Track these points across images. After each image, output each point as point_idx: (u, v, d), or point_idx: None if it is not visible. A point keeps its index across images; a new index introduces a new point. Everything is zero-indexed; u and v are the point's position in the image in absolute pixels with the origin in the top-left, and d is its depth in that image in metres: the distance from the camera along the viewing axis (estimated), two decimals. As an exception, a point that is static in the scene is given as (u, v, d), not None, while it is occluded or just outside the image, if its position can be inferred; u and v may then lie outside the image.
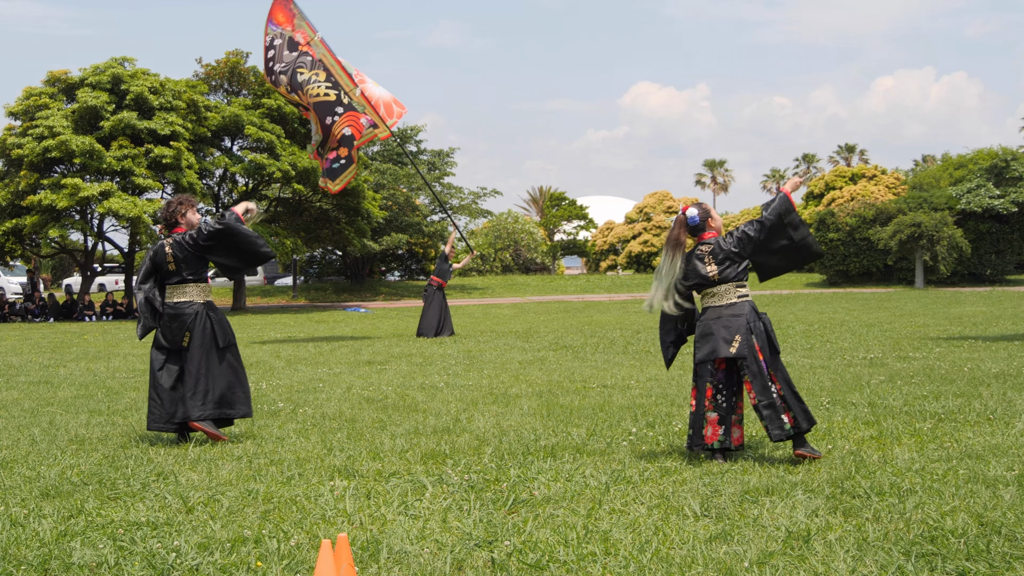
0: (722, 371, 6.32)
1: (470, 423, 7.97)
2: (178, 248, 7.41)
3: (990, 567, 4.15)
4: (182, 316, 7.39)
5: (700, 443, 6.26)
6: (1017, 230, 45.01)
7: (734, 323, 6.25)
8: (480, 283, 48.55)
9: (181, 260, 7.41)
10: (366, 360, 14.01)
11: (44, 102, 30.20)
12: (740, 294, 6.36)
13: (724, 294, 6.36)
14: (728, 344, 6.22)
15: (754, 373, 6.17)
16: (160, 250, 7.49)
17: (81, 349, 17.30)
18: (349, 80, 16.46)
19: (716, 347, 6.24)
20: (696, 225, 6.43)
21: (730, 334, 6.23)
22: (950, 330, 17.21)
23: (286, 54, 16.66)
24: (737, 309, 6.30)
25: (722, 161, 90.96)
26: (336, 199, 35.03)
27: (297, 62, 16.53)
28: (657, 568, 4.23)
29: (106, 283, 44.48)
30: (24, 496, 5.67)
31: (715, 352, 6.24)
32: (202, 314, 7.43)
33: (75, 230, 31.77)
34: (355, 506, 5.28)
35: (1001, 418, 7.59)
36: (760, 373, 6.17)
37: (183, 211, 7.61)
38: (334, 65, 16.52)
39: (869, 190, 54.08)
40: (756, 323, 6.28)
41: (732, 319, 6.27)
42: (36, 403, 9.88)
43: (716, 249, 6.38)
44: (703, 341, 6.34)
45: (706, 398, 6.30)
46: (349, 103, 16.34)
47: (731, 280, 6.35)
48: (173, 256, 7.42)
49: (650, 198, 59.33)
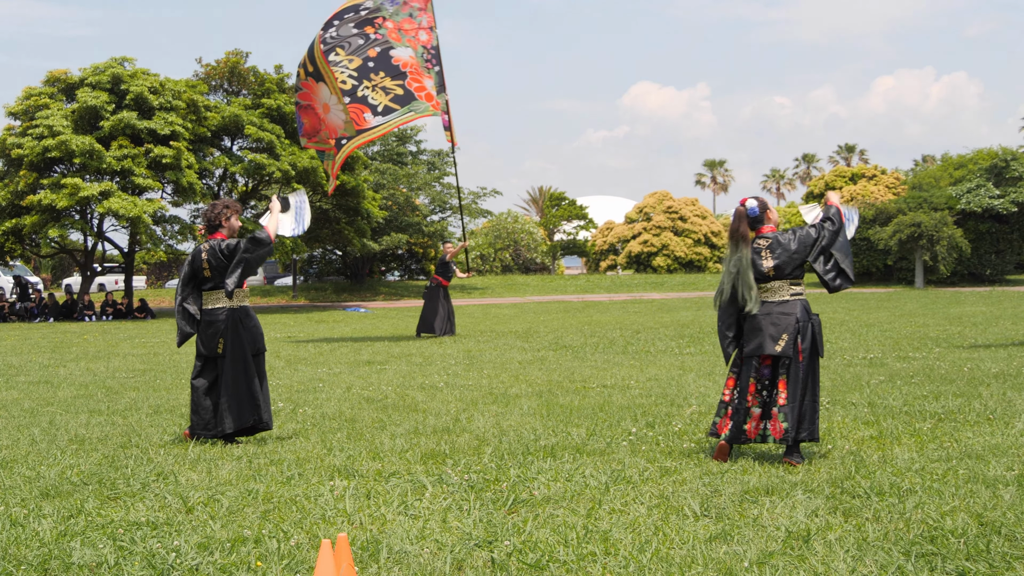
0: (767, 367, 6.31)
1: (470, 423, 7.97)
2: (212, 255, 7.36)
3: (990, 567, 4.15)
4: (215, 323, 7.37)
5: (742, 438, 6.26)
6: (1017, 230, 45.02)
7: (783, 321, 6.24)
8: (480, 283, 48.55)
9: (215, 267, 7.37)
10: (366, 360, 14.01)
11: (44, 102, 30.18)
12: (794, 292, 6.33)
13: (777, 290, 6.33)
14: (775, 342, 6.21)
15: (792, 375, 6.18)
16: (197, 255, 7.46)
17: (81, 349, 17.30)
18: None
19: (763, 343, 6.24)
20: (755, 217, 6.40)
21: (778, 332, 6.22)
22: (950, 330, 17.21)
23: (350, 28, 16.17)
24: (789, 307, 6.27)
25: (722, 161, 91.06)
26: (336, 199, 35.03)
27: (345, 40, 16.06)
28: (657, 568, 4.23)
29: (106, 283, 44.50)
30: (24, 496, 5.67)
31: (761, 348, 6.24)
32: (237, 321, 7.38)
33: (75, 230, 31.75)
34: (355, 506, 5.28)
35: (1001, 418, 7.59)
36: (796, 377, 6.17)
37: (228, 215, 7.55)
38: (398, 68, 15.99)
39: (869, 190, 54.09)
40: (806, 324, 6.27)
41: (782, 317, 6.25)
42: (36, 403, 9.88)
43: (774, 244, 6.35)
44: (752, 335, 6.32)
45: (748, 393, 6.29)
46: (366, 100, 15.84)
47: (786, 277, 6.32)
48: (208, 262, 7.38)
49: (650, 198, 59.31)
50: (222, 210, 7.52)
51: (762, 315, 6.30)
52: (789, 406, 6.13)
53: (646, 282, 48.87)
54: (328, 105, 16.16)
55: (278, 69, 35.01)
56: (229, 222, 7.54)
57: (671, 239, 56.38)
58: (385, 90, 15.99)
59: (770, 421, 6.24)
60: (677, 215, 57.38)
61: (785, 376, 6.19)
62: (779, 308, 6.28)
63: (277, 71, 34.88)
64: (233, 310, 7.40)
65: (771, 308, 6.29)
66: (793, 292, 6.33)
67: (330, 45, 16.21)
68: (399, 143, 48.79)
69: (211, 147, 33.39)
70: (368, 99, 15.95)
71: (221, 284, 7.37)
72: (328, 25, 16.43)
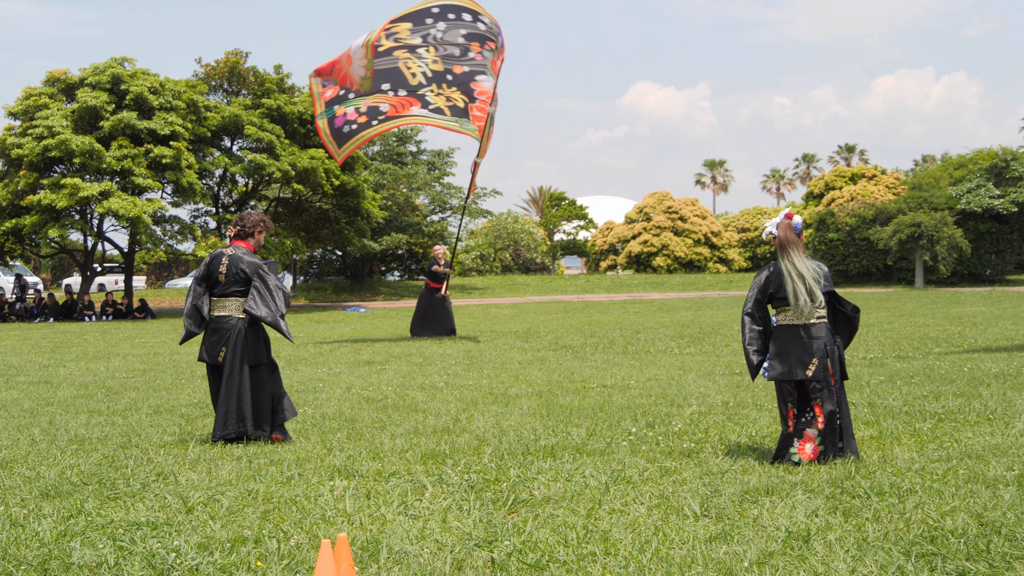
0: (795, 389, 6.29)
1: (470, 423, 7.97)
2: (231, 267, 7.38)
3: (990, 567, 4.14)
4: (220, 331, 7.37)
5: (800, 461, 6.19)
6: (1017, 230, 45.00)
7: (812, 345, 6.22)
8: (480, 283, 48.55)
9: (230, 276, 7.38)
10: (366, 360, 14.01)
11: (44, 102, 30.17)
12: (819, 315, 6.31)
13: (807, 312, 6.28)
14: (805, 367, 6.18)
15: (826, 398, 6.17)
16: (218, 258, 7.47)
17: (81, 349, 17.29)
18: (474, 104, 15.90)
19: (792, 369, 6.21)
20: (798, 232, 6.39)
21: (807, 357, 6.19)
22: (950, 330, 17.21)
23: (446, 30, 15.88)
24: (816, 331, 6.26)
25: (722, 161, 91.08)
26: (336, 199, 35.01)
27: (443, 44, 15.87)
28: (657, 568, 4.23)
29: (106, 283, 44.48)
30: (24, 496, 5.67)
31: (791, 374, 6.21)
32: (240, 331, 7.36)
33: (75, 230, 31.74)
34: (355, 506, 5.28)
35: (1001, 418, 7.59)
36: (831, 398, 6.17)
37: (261, 229, 7.61)
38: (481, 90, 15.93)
39: (869, 190, 54.09)
40: (832, 347, 6.28)
41: (810, 341, 6.23)
42: (36, 403, 9.88)
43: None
44: (778, 360, 6.28)
45: (789, 418, 6.27)
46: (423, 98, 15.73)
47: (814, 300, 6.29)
48: (226, 268, 7.39)
49: (650, 198, 59.32)
50: (259, 222, 7.61)
51: (789, 338, 6.27)
52: (829, 427, 6.14)
53: (646, 282, 48.87)
54: (351, 57, 15.91)
55: (278, 69, 35.00)
56: (258, 236, 7.62)
57: (671, 239, 56.39)
58: (448, 98, 16.00)
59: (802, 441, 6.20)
60: (677, 215, 57.38)
61: (819, 400, 6.18)
62: (805, 332, 6.26)
63: (277, 71, 34.87)
64: (241, 320, 7.39)
65: (798, 331, 6.26)
66: (819, 315, 6.32)
67: (424, 33, 15.91)
68: (399, 143, 48.77)
69: (211, 147, 33.38)
70: (426, 97, 15.90)
71: (230, 291, 7.38)
72: (444, 12, 16.02)
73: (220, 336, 7.36)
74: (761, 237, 56.28)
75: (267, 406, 7.39)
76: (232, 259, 7.38)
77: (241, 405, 7.26)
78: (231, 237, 7.64)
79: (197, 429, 8.05)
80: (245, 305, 7.34)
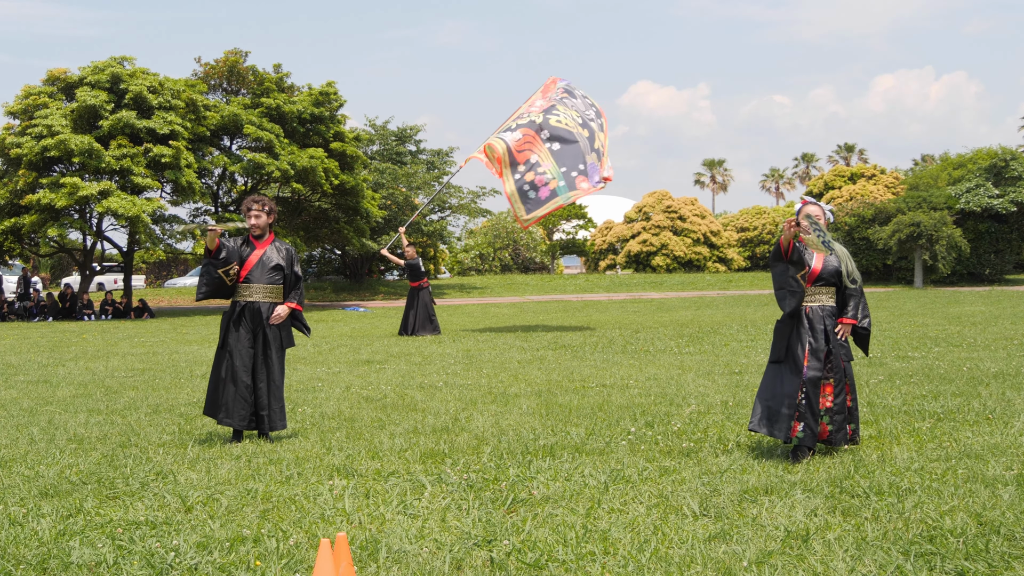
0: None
1: (469, 422, 7.97)
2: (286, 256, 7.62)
3: (989, 566, 4.15)
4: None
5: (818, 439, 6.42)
6: (1016, 230, 45.01)
7: (830, 324, 6.44)
8: (479, 283, 48.54)
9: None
10: (365, 359, 14.01)
11: (43, 101, 30.15)
12: (833, 300, 6.56)
13: (826, 297, 6.52)
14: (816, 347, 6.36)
15: (837, 379, 6.36)
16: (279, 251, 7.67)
17: (80, 348, 17.28)
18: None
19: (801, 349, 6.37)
20: (830, 222, 6.63)
21: (817, 338, 6.37)
22: (949, 330, 17.21)
23: (568, 102, 19.06)
24: (830, 313, 6.49)
25: (721, 160, 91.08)
26: (335, 198, 34.99)
27: (566, 104, 18.96)
28: (656, 567, 4.23)
29: (105, 282, 44.47)
30: (23, 495, 5.66)
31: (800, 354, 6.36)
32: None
33: (74, 229, 31.70)
34: (354, 505, 5.28)
35: (1000, 418, 7.59)
36: (841, 380, 6.37)
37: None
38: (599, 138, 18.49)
39: (868, 190, 54.08)
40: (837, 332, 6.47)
41: (829, 320, 6.45)
42: (35, 402, 9.87)
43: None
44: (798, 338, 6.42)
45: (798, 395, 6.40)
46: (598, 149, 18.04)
47: (832, 284, 6.50)
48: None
49: (649, 197, 59.28)
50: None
51: (815, 318, 6.43)
52: (838, 408, 6.34)
53: (645, 281, 48.85)
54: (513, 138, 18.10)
55: (277, 68, 34.99)
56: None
57: (670, 238, 56.36)
58: (598, 153, 18.41)
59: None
60: (676, 215, 57.35)
61: (832, 381, 6.35)
62: (823, 313, 6.47)
63: (276, 70, 34.85)
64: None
65: (818, 313, 6.46)
66: (833, 300, 6.56)
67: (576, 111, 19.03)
68: (399, 143, 48.76)
69: (210, 146, 33.35)
70: (600, 152, 18.07)
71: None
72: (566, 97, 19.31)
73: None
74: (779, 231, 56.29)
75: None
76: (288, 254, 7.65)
77: (216, 390, 7.37)
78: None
79: (196, 428, 8.05)
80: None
